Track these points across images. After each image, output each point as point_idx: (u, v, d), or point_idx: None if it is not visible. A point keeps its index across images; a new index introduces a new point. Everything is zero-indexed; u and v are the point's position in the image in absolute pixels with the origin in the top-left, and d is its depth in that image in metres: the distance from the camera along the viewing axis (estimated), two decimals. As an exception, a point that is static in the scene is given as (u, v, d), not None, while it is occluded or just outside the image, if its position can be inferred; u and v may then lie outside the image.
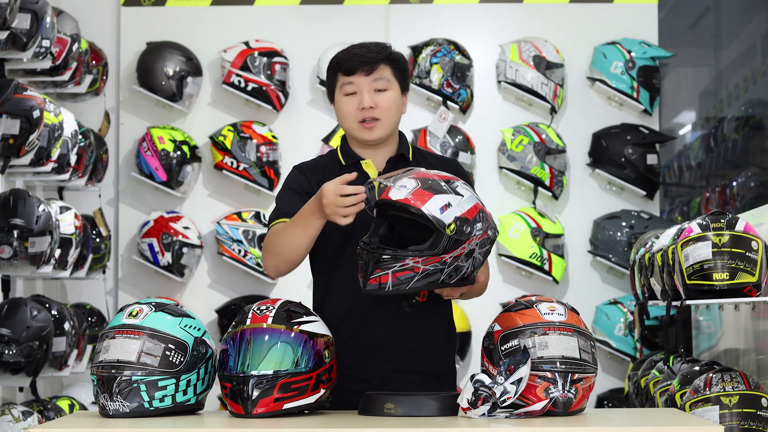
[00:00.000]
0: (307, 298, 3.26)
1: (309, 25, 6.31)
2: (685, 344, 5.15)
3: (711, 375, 3.91)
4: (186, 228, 6.08)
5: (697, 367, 4.13)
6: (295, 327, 2.89)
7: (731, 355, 4.73)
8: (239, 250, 6.04)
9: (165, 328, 2.90)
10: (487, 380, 2.79)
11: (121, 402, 2.85)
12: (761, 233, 4.02)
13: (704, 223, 3.99)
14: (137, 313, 2.93)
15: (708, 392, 3.85)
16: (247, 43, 6.15)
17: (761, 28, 7.27)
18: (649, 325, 5.38)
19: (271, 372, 2.84)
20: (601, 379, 5.90)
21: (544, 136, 6.05)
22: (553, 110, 6.17)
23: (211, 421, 2.88)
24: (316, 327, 2.94)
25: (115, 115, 6.29)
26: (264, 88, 6.12)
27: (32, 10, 4.76)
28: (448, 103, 6.11)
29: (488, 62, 6.28)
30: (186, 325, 2.93)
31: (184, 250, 6.05)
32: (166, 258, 6.03)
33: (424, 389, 3.11)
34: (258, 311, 2.92)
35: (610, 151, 6.10)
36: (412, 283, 2.84)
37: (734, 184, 6.49)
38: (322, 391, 2.93)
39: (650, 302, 4.62)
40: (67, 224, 5.13)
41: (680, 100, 7.96)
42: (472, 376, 2.82)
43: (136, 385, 2.85)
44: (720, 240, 3.90)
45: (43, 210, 4.78)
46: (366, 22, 6.29)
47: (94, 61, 5.93)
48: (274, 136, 6.14)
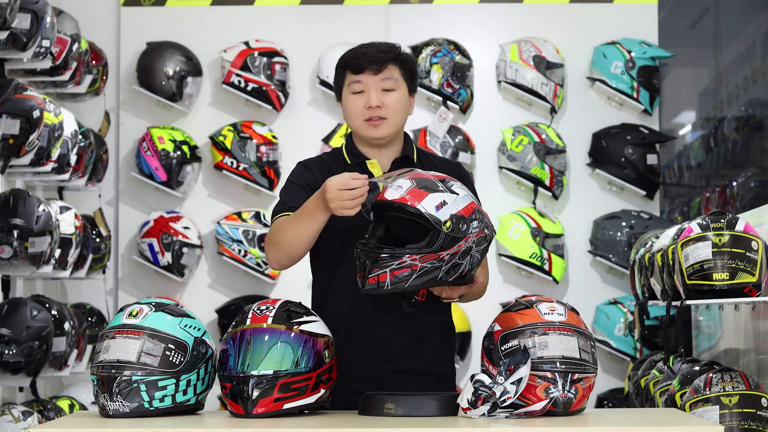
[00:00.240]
0: (307, 298, 3.27)
1: (309, 25, 6.31)
2: (685, 344, 5.15)
3: (711, 375, 3.91)
4: (186, 228, 6.08)
5: (697, 367, 4.13)
6: (295, 327, 2.90)
7: (731, 355, 4.73)
8: (239, 250, 6.04)
9: (165, 328, 2.90)
10: (487, 380, 2.79)
11: (121, 402, 2.85)
12: (761, 233, 4.02)
13: (704, 223, 3.99)
14: (137, 313, 2.93)
15: (708, 392, 3.85)
16: (247, 43, 6.15)
17: (761, 28, 7.27)
18: (649, 325, 5.38)
19: (271, 372, 2.84)
20: (601, 379, 5.90)
21: (544, 136, 6.05)
22: (553, 110, 6.17)
23: (211, 421, 2.88)
24: (316, 327, 2.94)
25: (115, 115, 6.30)
26: (264, 88, 6.12)
27: (32, 10, 4.76)
28: (448, 103, 6.11)
29: (488, 62, 6.28)
30: (186, 325, 2.93)
31: (184, 250, 6.05)
32: (166, 258, 6.03)
33: (424, 389, 3.11)
34: (258, 311, 2.92)
35: (610, 151, 6.10)
36: (411, 280, 2.85)
37: (734, 184, 6.49)
38: (322, 391, 2.93)
39: (650, 302, 4.62)
40: (67, 224, 5.13)
41: (680, 100, 7.95)
42: (472, 376, 2.82)
43: (136, 385, 2.85)
44: (720, 240, 3.90)
45: (43, 210, 4.78)
46: (366, 22, 6.29)
47: (94, 61, 5.93)
48: (274, 136, 6.14)
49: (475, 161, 6.14)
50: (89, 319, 5.77)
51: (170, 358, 2.87)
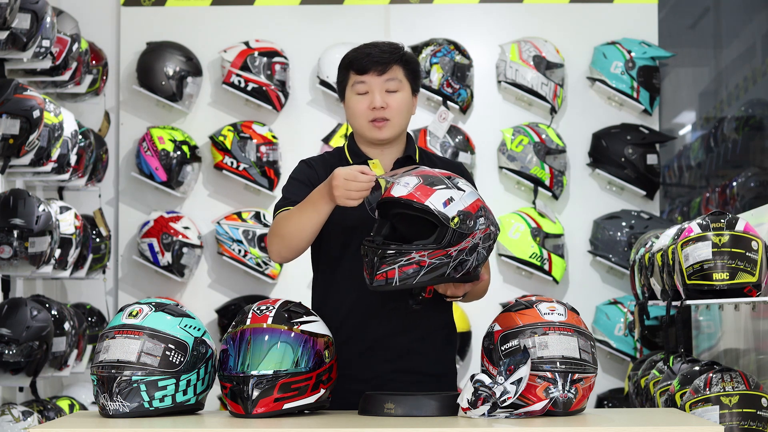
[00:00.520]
0: (307, 298, 3.26)
1: (309, 25, 6.31)
2: (685, 344, 5.15)
3: (711, 375, 3.91)
4: (186, 228, 6.08)
5: (697, 367, 4.13)
6: (295, 327, 2.89)
7: (731, 355, 4.73)
8: (239, 250, 6.04)
9: (165, 328, 2.90)
10: (487, 380, 2.79)
11: (121, 402, 2.85)
12: (761, 233, 4.02)
13: (704, 223, 3.99)
14: (137, 313, 2.93)
15: (708, 392, 3.85)
16: (247, 43, 6.15)
17: (761, 28, 7.27)
18: (649, 325, 5.38)
19: (271, 372, 2.84)
20: (601, 379, 5.90)
21: (544, 136, 6.05)
22: (553, 110, 6.17)
23: (211, 421, 2.88)
24: (316, 327, 2.94)
25: (115, 115, 6.30)
26: (264, 88, 6.12)
27: (32, 10, 4.76)
28: (448, 103, 6.11)
29: (488, 62, 6.28)
30: (186, 325, 2.93)
31: (184, 250, 6.05)
32: (166, 258, 6.03)
33: (424, 389, 3.11)
34: (258, 311, 2.92)
35: (610, 151, 6.10)
36: (419, 277, 2.85)
37: (734, 184, 6.49)
38: (322, 391, 2.93)
39: (650, 302, 4.62)
40: (67, 224, 5.13)
41: (680, 100, 7.95)
42: (472, 376, 2.82)
43: (136, 385, 2.85)
44: (720, 240, 3.90)
45: (43, 210, 4.78)
46: (366, 22, 6.29)
47: (94, 61, 5.93)
48: (274, 136, 6.14)
49: (475, 161, 6.14)
50: (89, 319, 5.77)
51: (170, 358, 2.87)
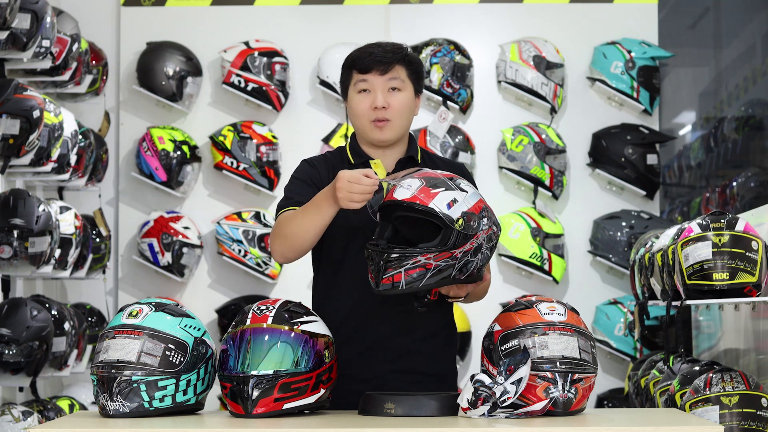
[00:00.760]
0: (307, 298, 3.26)
1: (309, 25, 6.31)
2: (685, 344, 5.15)
3: (711, 375, 3.91)
4: (186, 228, 6.08)
5: (697, 367, 4.13)
6: (295, 327, 2.89)
7: (731, 355, 4.73)
8: (239, 250, 6.04)
9: (165, 328, 2.90)
10: (487, 380, 2.79)
11: (121, 402, 2.85)
12: (761, 233, 4.02)
13: (704, 223, 3.99)
14: (137, 313, 2.93)
15: (708, 392, 3.85)
16: (247, 43, 6.15)
17: (761, 28, 7.27)
18: (649, 325, 5.38)
19: (271, 372, 2.84)
20: (601, 379, 5.90)
21: (544, 136, 6.05)
22: (553, 110, 6.17)
23: (211, 421, 2.88)
24: (316, 327, 2.94)
25: (115, 115, 6.30)
26: (264, 88, 6.12)
27: (32, 10, 4.76)
28: (448, 103, 6.11)
29: (488, 62, 6.28)
30: (186, 325, 2.93)
31: (184, 250, 6.05)
32: (166, 258, 6.03)
33: (424, 389, 3.11)
34: (258, 311, 2.92)
35: (610, 151, 6.10)
36: (425, 279, 2.85)
37: (734, 184, 6.49)
38: (322, 391, 2.93)
39: (650, 302, 4.62)
40: (67, 224, 5.13)
41: (680, 100, 7.95)
42: (472, 376, 2.82)
43: (136, 385, 2.85)
44: (720, 240, 3.90)
45: (43, 210, 4.78)
46: (366, 22, 6.29)
47: (94, 61, 5.93)
48: (274, 136, 6.14)
49: (475, 161, 6.14)
50: (89, 319, 5.77)
51: (170, 358, 2.87)
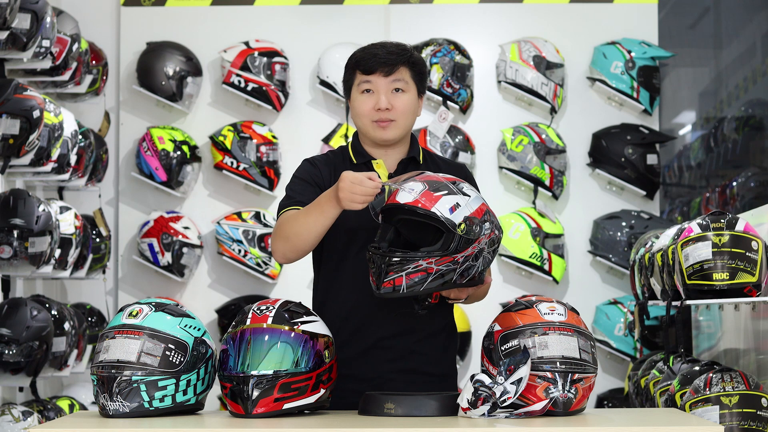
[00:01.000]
0: (307, 298, 3.26)
1: (309, 25, 6.30)
2: (685, 344, 5.15)
3: (711, 375, 3.91)
4: (186, 228, 6.08)
5: (697, 367, 4.13)
6: (296, 327, 2.89)
7: (731, 355, 4.73)
8: (239, 250, 6.04)
9: (165, 328, 2.90)
10: (487, 380, 2.79)
11: (121, 402, 2.85)
12: (761, 233, 4.02)
13: (704, 223, 3.99)
14: (137, 313, 2.92)
15: (708, 392, 3.85)
16: (247, 43, 6.15)
17: (761, 28, 7.27)
18: (649, 325, 5.38)
19: (271, 372, 2.84)
20: (601, 379, 5.90)
21: (544, 136, 6.05)
22: (553, 110, 6.17)
23: (211, 421, 2.88)
24: (316, 327, 2.94)
25: (115, 115, 6.30)
26: (264, 88, 6.12)
27: (32, 10, 4.76)
28: (448, 103, 6.11)
29: (488, 62, 6.28)
30: (186, 325, 2.93)
31: (184, 250, 6.05)
32: (166, 258, 6.03)
33: (424, 389, 3.11)
34: (258, 311, 2.92)
35: (610, 151, 6.10)
36: (426, 284, 2.85)
37: (734, 184, 6.49)
38: (322, 391, 2.93)
39: (650, 302, 4.62)
40: (67, 224, 5.13)
41: (680, 100, 7.95)
42: (472, 376, 2.82)
43: (136, 385, 2.85)
44: (720, 240, 3.90)
45: (43, 210, 4.78)
46: (366, 22, 6.29)
47: (94, 61, 5.93)
48: (274, 136, 6.14)
49: (475, 161, 6.14)
50: (89, 319, 5.77)
51: (170, 358, 2.87)
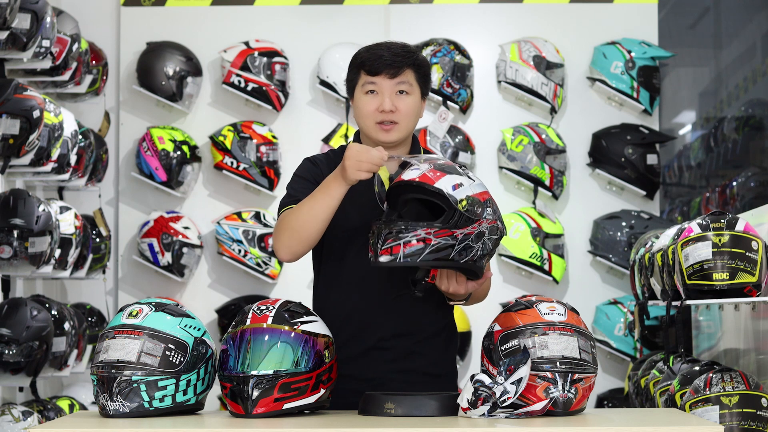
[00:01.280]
0: (307, 298, 3.26)
1: (309, 25, 6.30)
2: (685, 344, 5.15)
3: (711, 375, 3.91)
4: (186, 228, 6.08)
5: (697, 367, 4.13)
6: (296, 327, 2.89)
7: (731, 355, 4.73)
8: (239, 250, 6.04)
9: (165, 328, 2.90)
10: (487, 380, 2.79)
11: (121, 402, 2.85)
12: (761, 233, 4.02)
13: (704, 223, 3.99)
14: (137, 313, 2.92)
15: (708, 392, 3.85)
16: (247, 43, 6.15)
17: (761, 28, 7.27)
18: (649, 325, 5.38)
19: (271, 372, 2.84)
20: (601, 379, 5.90)
21: (544, 136, 6.05)
22: (553, 110, 6.17)
23: (211, 421, 2.88)
24: (316, 327, 2.94)
25: (115, 115, 6.30)
26: (264, 88, 6.12)
27: (32, 10, 4.76)
28: (448, 103, 6.11)
29: (488, 62, 6.28)
30: (186, 325, 2.93)
31: (184, 250, 6.05)
32: (166, 258, 6.03)
33: (424, 389, 3.10)
34: (258, 311, 2.92)
35: (610, 151, 6.10)
36: (424, 254, 2.85)
37: (734, 184, 6.49)
38: (322, 391, 2.93)
39: (650, 302, 4.62)
40: (67, 224, 5.13)
41: (680, 100, 7.95)
42: (472, 376, 2.82)
43: (136, 385, 2.85)
44: (720, 240, 3.90)
45: (43, 210, 4.78)
46: (366, 22, 6.28)
47: (94, 61, 5.93)
48: (274, 136, 6.14)
49: (475, 161, 6.14)
50: (89, 319, 5.77)
51: (170, 358, 2.87)
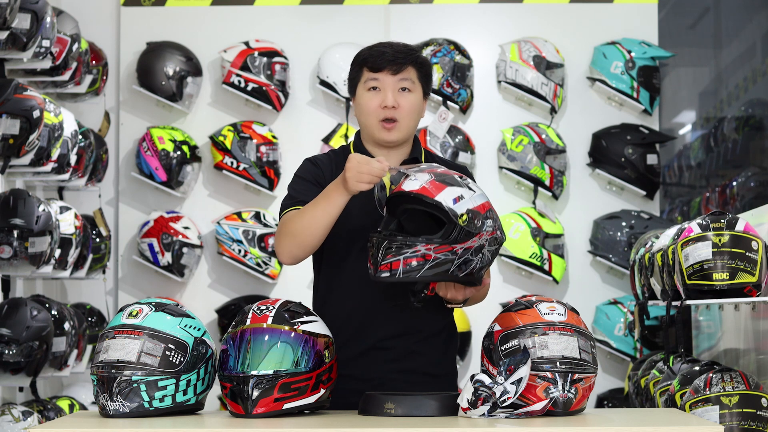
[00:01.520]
0: (307, 298, 3.26)
1: (309, 25, 6.30)
2: (685, 344, 5.15)
3: (711, 375, 3.91)
4: (186, 228, 6.08)
5: (697, 367, 4.13)
6: (296, 327, 2.89)
7: (731, 355, 4.73)
8: (239, 250, 6.04)
9: (165, 328, 2.90)
10: (487, 380, 2.79)
11: (121, 402, 2.85)
12: (761, 233, 4.02)
13: (704, 223, 3.99)
14: (137, 313, 2.92)
15: (708, 392, 3.85)
16: (247, 43, 6.15)
17: (761, 28, 7.27)
18: (649, 325, 5.38)
19: (271, 372, 2.84)
20: (601, 379, 5.90)
21: (544, 136, 6.05)
22: (553, 110, 6.17)
23: (211, 421, 2.88)
24: (316, 327, 2.94)
25: (115, 115, 6.30)
26: (264, 88, 6.12)
27: (32, 10, 4.76)
28: (448, 103, 6.11)
29: (488, 62, 6.28)
30: (186, 325, 2.93)
31: (184, 250, 6.05)
32: (166, 258, 6.03)
33: (424, 389, 3.10)
34: (258, 311, 2.92)
35: (610, 151, 6.10)
36: (423, 270, 2.84)
37: (734, 184, 6.49)
38: (322, 391, 2.93)
39: (650, 302, 4.62)
40: (67, 224, 5.13)
41: (680, 100, 7.95)
42: (472, 376, 2.82)
43: (136, 385, 2.85)
44: (720, 240, 3.90)
45: (43, 210, 4.78)
46: (366, 22, 6.28)
47: (94, 61, 5.93)
48: (274, 136, 6.14)
49: (475, 161, 6.14)
50: (89, 319, 5.77)
51: (170, 358, 2.87)
